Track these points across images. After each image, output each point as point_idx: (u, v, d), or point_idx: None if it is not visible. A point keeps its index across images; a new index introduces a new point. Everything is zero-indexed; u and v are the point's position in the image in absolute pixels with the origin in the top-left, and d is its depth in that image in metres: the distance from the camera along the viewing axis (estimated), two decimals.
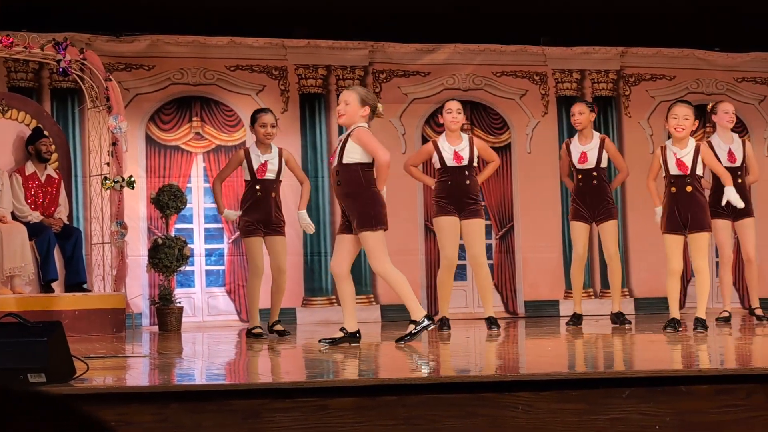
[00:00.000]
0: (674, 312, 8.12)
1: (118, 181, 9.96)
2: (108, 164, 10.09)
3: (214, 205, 11.34)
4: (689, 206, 7.94)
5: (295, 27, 11.84)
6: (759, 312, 9.44)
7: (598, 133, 9.50)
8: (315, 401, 4.21)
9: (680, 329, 7.98)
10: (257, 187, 8.82)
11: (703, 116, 12.42)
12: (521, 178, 12.04)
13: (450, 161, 8.96)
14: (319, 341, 7.20)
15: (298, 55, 11.77)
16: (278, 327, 8.84)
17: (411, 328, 7.20)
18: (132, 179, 10.05)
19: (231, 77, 11.59)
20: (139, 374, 5.61)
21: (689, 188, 7.95)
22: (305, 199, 9.07)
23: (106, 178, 10.02)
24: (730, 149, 9.28)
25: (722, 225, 9.29)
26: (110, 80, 10.13)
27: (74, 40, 10.48)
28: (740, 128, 9.66)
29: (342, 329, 7.21)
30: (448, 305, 9.18)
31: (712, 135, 9.51)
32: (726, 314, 9.39)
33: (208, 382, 4.82)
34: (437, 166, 9.03)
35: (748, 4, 11.74)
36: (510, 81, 12.26)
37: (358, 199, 7.12)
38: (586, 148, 9.29)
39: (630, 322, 9.45)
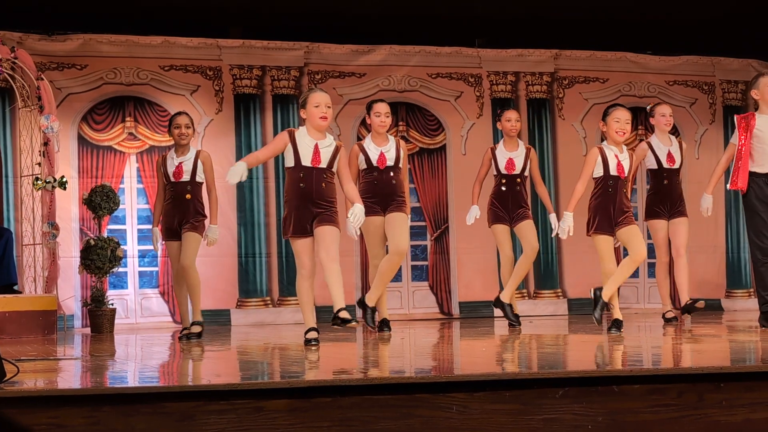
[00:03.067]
0: (617, 313, 8.10)
1: (49, 182, 9.85)
2: (39, 164, 9.97)
3: (147, 206, 11.25)
4: (620, 208, 8.02)
5: (229, 27, 11.78)
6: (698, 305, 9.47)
7: (522, 142, 9.68)
8: (249, 403, 4.20)
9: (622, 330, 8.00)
10: (171, 190, 8.78)
11: (637, 119, 12.59)
12: (456, 180, 12.08)
13: (376, 162, 8.93)
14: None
15: (232, 55, 11.72)
16: (194, 329, 8.73)
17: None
18: (64, 180, 9.95)
19: (165, 77, 11.51)
20: (70, 377, 5.55)
21: (624, 190, 8.04)
22: (215, 212, 8.88)
23: (37, 179, 9.91)
24: (669, 151, 9.45)
25: (660, 226, 9.43)
26: (42, 79, 10.02)
27: (5, 39, 10.35)
28: (672, 130, 9.76)
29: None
30: (385, 307, 9.10)
31: (651, 137, 9.63)
32: (671, 314, 9.50)
33: (141, 385, 4.78)
34: (363, 167, 8.98)
35: (680, 9, 11.87)
36: (445, 83, 12.30)
37: (335, 201, 7.47)
38: (513, 155, 9.51)
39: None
